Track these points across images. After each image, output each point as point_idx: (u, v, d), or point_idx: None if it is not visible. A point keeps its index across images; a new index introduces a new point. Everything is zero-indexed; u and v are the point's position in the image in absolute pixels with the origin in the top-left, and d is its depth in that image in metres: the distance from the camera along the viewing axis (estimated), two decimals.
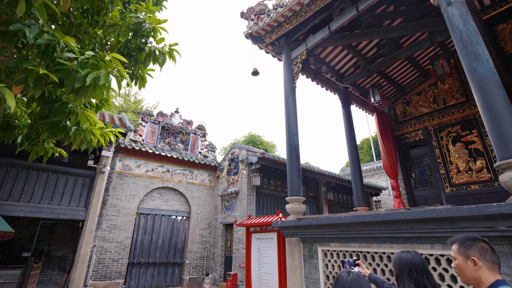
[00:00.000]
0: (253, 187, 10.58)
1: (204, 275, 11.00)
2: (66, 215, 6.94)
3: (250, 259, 6.97)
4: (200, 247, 11.31)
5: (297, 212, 5.41)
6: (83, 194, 7.41)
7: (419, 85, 8.96)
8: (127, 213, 9.97)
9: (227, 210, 11.18)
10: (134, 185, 10.43)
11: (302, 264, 5.00)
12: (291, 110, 6.24)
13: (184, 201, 11.64)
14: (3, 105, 2.41)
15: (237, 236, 10.12)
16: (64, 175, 7.25)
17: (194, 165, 12.15)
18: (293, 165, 5.85)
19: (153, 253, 10.32)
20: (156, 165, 11.19)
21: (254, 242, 7.04)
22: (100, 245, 9.17)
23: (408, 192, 8.77)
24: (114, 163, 10.20)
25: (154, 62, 3.66)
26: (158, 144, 11.57)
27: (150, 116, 11.67)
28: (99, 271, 8.95)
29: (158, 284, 10.13)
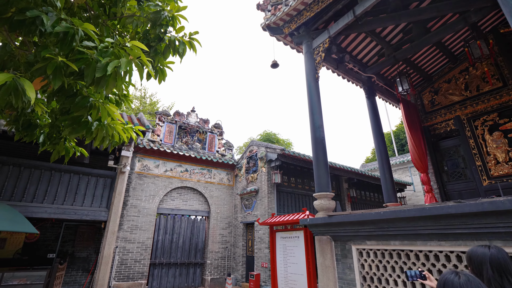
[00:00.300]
0: (273, 185, 10.31)
1: (225, 276, 10.83)
2: (89, 216, 6.92)
3: (275, 259, 6.71)
4: (221, 247, 11.15)
5: (327, 209, 5.10)
6: (104, 195, 7.37)
7: (448, 72, 8.42)
8: (147, 213, 9.93)
9: (247, 209, 10.96)
10: (154, 185, 10.38)
11: (334, 264, 4.69)
12: (315, 101, 5.93)
13: (203, 201, 11.51)
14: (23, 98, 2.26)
15: (259, 236, 9.88)
16: (85, 176, 7.23)
17: (212, 164, 12.00)
18: (320, 160, 5.55)
19: (174, 253, 10.23)
20: (174, 165, 11.11)
21: (279, 241, 6.77)
22: (122, 245, 9.15)
23: (440, 186, 8.26)
24: (133, 163, 10.18)
25: (174, 53, 3.46)
26: (176, 143, 11.49)
27: (167, 116, 11.61)
28: (122, 272, 8.93)
29: (180, 284, 10.04)
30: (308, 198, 11.56)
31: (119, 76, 2.53)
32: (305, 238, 6.03)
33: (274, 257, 6.72)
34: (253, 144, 11.66)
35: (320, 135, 5.71)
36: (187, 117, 12.18)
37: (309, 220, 5.03)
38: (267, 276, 9.03)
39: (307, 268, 5.76)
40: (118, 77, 2.54)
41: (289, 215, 6.55)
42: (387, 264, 3.99)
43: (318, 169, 5.49)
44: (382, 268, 4.04)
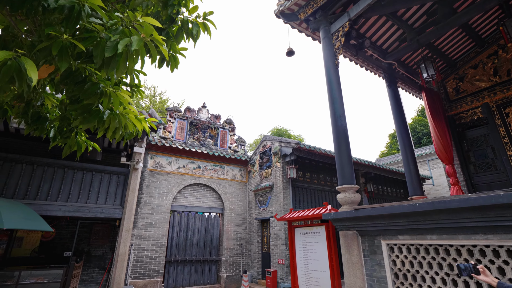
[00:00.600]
0: (289, 180, 10.01)
1: (241, 273, 10.63)
2: (103, 213, 6.80)
3: (295, 255, 6.43)
4: (236, 243, 10.95)
5: (351, 202, 4.79)
6: (118, 192, 7.25)
7: (475, 56, 7.91)
8: (161, 210, 9.80)
9: (262, 205, 10.70)
10: (167, 183, 10.24)
11: (362, 261, 4.38)
12: (335, 89, 5.60)
13: (217, 197, 11.32)
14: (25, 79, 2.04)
15: (275, 232, 9.62)
16: (98, 173, 7.12)
17: (224, 160, 11.79)
18: (342, 150, 5.22)
19: (189, 250, 10.09)
20: (187, 162, 10.95)
21: (298, 237, 6.48)
22: (137, 243, 9.05)
23: (466, 179, 7.81)
24: (145, 161, 10.06)
25: (187, 37, 3.20)
26: (188, 140, 11.32)
27: (178, 112, 11.44)
28: (137, 270, 8.83)
29: (196, 281, 9.89)
30: (324, 194, 11.22)
31: (130, 56, 2.30)
32: (327, 233, 5.73)
33: (293, 253, 6.44)
34: (266, 139, 11.38)
35: (342, 124, 5.38)
36: (198, 113, 11.99)
37: (333, 215, 4.73)
38: (284, 273, 8.77)
39: (330, 264, 5.46)
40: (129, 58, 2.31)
41: (309, 210, 6.26)
42: (422, 260, 3.66)
43: (340, 161, 5.17)
44: (417, 264, 3.71)
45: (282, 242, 9.15)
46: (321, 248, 5.78)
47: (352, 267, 4.45)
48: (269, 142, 11.18)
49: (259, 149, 11.76)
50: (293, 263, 6.43)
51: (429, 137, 19.20)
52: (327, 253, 5.61)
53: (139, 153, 7.49)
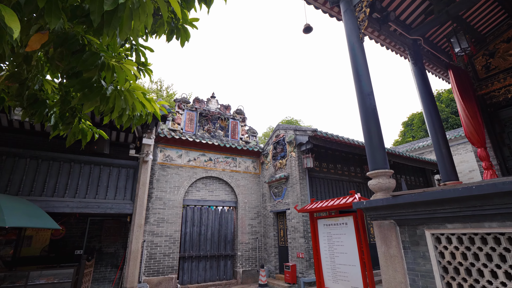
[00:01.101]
0: (305, 170, 9.52)
1: (257, 267, 10.26)
2: (113, 209, 6.46)
3: (319, 249, 5.98)
4: (251, 237, 10.57)
5: (386, 189, 4.29)
6: (128, 186, 6.90)
7: (508, 29, 7.24)
8: (173, 205, 9.45)
9: (277, 197, 10.26)
10: (178, 176, 9.87)
11: (402, 253, 3.90)
12: (361, 65, 5.07)
13: (230, 191, 10.92)
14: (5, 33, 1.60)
15: (292, 225, 9.18)
16: (106, 167, 6.76)
17: (236, 151, 11.36)
18: (373, 132, 4.71)
19: (203, 246, 9.75)
20: (197, 154, 10.55)
21: (321, 229, 6.02)
22: (149, 239, 8.74)
23: (500, 162, 7.21)
24: (155, 154, 9.70)
25: (199, 2, 2.71)
26: (198, 132, 10.91)
27: (187, 103, 11.02)
28: (151, 267, 8.54)
29: (211, 277, 9.56)
30: (342, 184, 10.72)
31: (135, 13, 1.83)
32: (355, 224, 5.25)
33: (317, 247, 5.99)
34: (280, 128, 10.88)
35: (371, 103, 4.86)
36: (207, 103, 11.54)
37: (367, 203, 4.24)
38: (304, 267, 8.35)
39: (361, 258, 4.99)
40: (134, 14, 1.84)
41: (333, 199, 5.78)
42: (478, 251, 3.16)
43: (371, 144, 4.67)
44: (471, 256, 3.22)
45: (301, 235, 8.72)
46: (349, 241, 5.31)
47: (391, 260, 3.97)
48: (282, 131, 10.69)
49: (272, 139, 11.28)
50: (317, 257, 5.99)
51: (446, 123, 18.42)
52: (356, 246, 5.14)
53: (148, 145, 7.10)
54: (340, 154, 11.17)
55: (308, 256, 8.47)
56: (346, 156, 11.35)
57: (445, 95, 20.21)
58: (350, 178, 11.06)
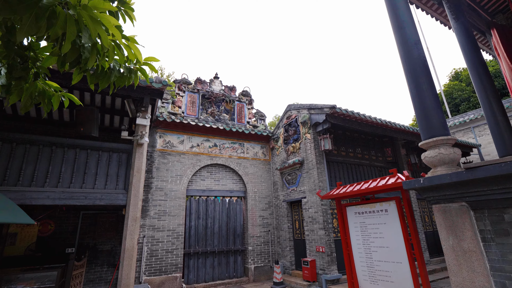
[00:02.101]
0: (322, 153, 8.44)
1: (271, 263, 9.29)
2: (103, 200, 5.49)
3: (350, 242, 4.93)
4: (262, 230, 9.57)
5: (450, 161, 3.21)
6: (120, 174, 5.91)
7: None
8: (175, 196, 8.47)
9: (290, 185, 9.22)
10: (180, 164, 8.87)
11: (481, 247, 2.83)
12: (402, 9, 3.95)
13: (238, 179, 9.90)
14: None
15: (309, 215, 8.14)
16: (94, 151, 5.77)
17: (243, 136, 10.30)
18: (424, 89, 3.62)
19: (210, 240, 8.78)
20: (201, 140, 9.52)
21: (352, 219, 4.97)
22: (150, 234, 7.80)
23: None
24: (154, 140, 8.69)
25: None
26: (201, 115, 9.86)
27: (188, 85, 9.95)
28: (152, 265, 7.61)
29: (220, 275, 8.62)
30: (363, 169, 9.63)
31: None
32: (399, 211, 4.18)
33: (347, 240, 4.95)
34: (291, 108, 9.77)
35: (419, 53, 3.76)
36: (210, 84, 10.45)
37: (425, 181, 3.16)
38: (325, 262, 7.34)
39: (409, 253, 3.93)
40: None
41: (367, 182, 4.71)
42: None
43: (422, 104, 3.58)
44: None
45: (320, 226, 7.68)
46: (391, 232, 4.25)
47: (464, 257, 2.91)
48: (294, 111, 9.58)
49: (283, 121, 10.19)
50: (348, 252, 4.94)
51: (468, 103, 17.09)
52: (402, 238, 4.08)
53: (143, 126, 6.08)
54: (359, 136, 10.05)
55: (330, 250, 7.45)
56: (366, 138, 10.22)
57: (464, 74, 18.80)
58: (371, 162, 9.95)
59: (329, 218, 7.79)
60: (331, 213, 7.94)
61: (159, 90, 6.00)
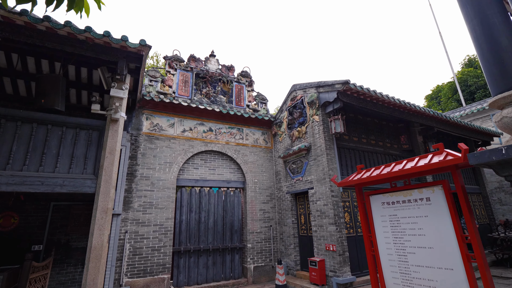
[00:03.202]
0: (332, 137, 7.34)
1: (272, 262, 8.24)
2: (65, 186, 4.43)
3: (375, 241, 3.85)
4: (263, 225, 8.51)
5: None
6: (89, 156, 4.84)
7: None
8: (164, 186, 7.40)
9: (295, 175, 8.13)
10: (170, 150, 7.78)
11: None
12: None
13: (236, 168, 8.82)
14: None
15: (317, 208, 7.07)
16: (57, 127, 4.69)
17: (242, 121, 9.19)
18: (494, 22, 2.50)
19: (204, 237, 7.73)
20: (194, 123, 8.42)
21: (378, 211, 3.88)
22: (133, 230, 6.75)
23: None
24: (139, 122, 7.60)
25: None
26: (194, 96, 8.74)
27: (180, 62, 8.81)
28: (136, 265, 6.56)
29: (215, 276, 7.58)
30: (376, 156, 8.54)
31: None
32: (449, 199, 3.09)
33: (371, 238, 3.86)
34: (297, 88, 8.64)
35: None
36: (205, 63, 9.32)
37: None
38: (336, 263, 6.28)
39: (465, 256, 2.85)
40: None
41: (399, 163, 3.61)
42: None
43: (491, 43, 2.47)
44: None
45: (330, 221, 6.61)
46: (435, 227, 3.16)
47: None
48: (300, 91, 8.45)
49: (287, 103, 9.07)
50: (373, 253, 3.87)
51: (484, 91, 15.89)
52: (454, 235, 2.99)
53: (118, 98, 4.99)
54: (372, 120, 8.94)
55: (342, 249, 6.38)
56: (379, 124, 9.11)
57: None
58: (386, 150, 8.85)
59: (340, 212, 6.71)
60: (342, 206, 6.87)
61: (137, 53, 4.88)
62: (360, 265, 6.85)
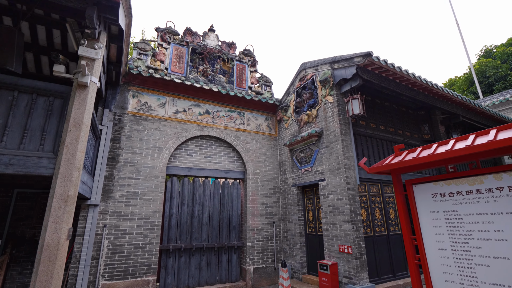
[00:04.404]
0: (348, 121, 6.30)
1: (275, 263, 7.25)
2: (13, 166, 3.42)
3: (422, 245, 2.83)
4: (265, 222, 7.51)
5: None
6: (49, 129, 3.82)
7: None
8: (151, 174, 6.39)
9: (304, 165, 7.11)
10: (159, 133, 6.76)
11: None
12: None
13: (235, 157, 7.80)
14: None
15: (329, 203, 6.05)
16: (7, 90, 3.67)
17: (244, 103, 8.16)
18: None
19: (197, 233, 6.73)
20: (189, 104, 7.39)
21: (427, 205, 2.86)
22: (113, 224, 5.75)
23: None
24: (124, 100, 6.57)
25: None
26: (189, 74, 7.69)
27: (174, 35, 7.75)
28: (115, 265, 5.58)
29: (209, 279, 6.59)
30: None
31: None
32: None
33: (419, 242, 2.83)
34: (307, 66, 7.57)
35: None
36: (203, 38, 8.25)
37: None
38: (352, 267, 5.28)
39: None
40: None
41: (461, 139, 2.59)
42: None
43: None
44: None
45: (346, 218, 5.60)
46: None
47: None
48: (311, 70, 7.39)
49: (294, 85, 8.02)
50: (417, 261, 2.85)
51: (504, 82, 14.79)
52: None
53: (89, 58, 3.96)
54: (391, 105, 7.90)
55: (359, 251, 5.38)
56: (399, 110, 8.06)
57: (500, 50, 16.42)
58: (405, 140, 7.81)
59: (357, 208, 5.70)
60: (359, 201, 5.85)
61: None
62: (379, 270, 5.85)
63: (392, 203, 6.66)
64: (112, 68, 5.97)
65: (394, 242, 6.32)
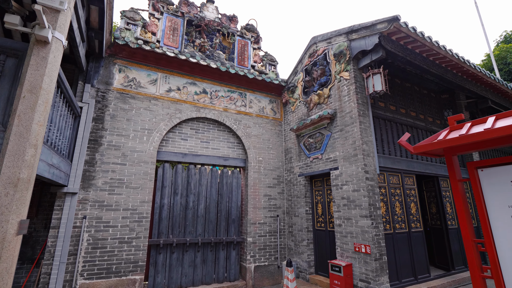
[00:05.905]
0: (367, 100, 5.45)
1: (278, 261, 6.51)
2: None
3: (493, 248, 2.01)
4: (268, 215, 6.74)
5: None
6: None
7: None
8: (140, 159, 5.60)
9: (313, 152, 6.29)
10: (150, 113, 5.95)
11: None
12: None
13: (236, 142, 6.99)
14: None
15: (343, 195, 5.25)
16: None
17: (246, 83, 7.31)
18: None
19: (192, 227, 5.98)
20: (183, 82, 6.55)
21: (500, 195, 2.03)
22: (95, 215, 5.00)
23: None
24: (109, 74, 5.74)
25: None
26: (185, 48, 6.83)
27: (168, 5, 6.86)
28: (96, 262, 4.84)
29: (204, 278, 5.87)
30: (417, 132, 6.69)
31: None
32: None
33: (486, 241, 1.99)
34: (318, 40, 6.68)
35: None
36: (201, 9, 7.36)
37: None
38: (370, 270, 4.51)
39: None
40: None
41: None
42: None
43: None
44: None
45: (363, 213, 4.80)
46: None
47: None
48: (322, 43, 6.50)
49: (303, 62, 7.14)
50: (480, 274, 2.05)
51: None
52: None
53: (52, 9, 3.14)
54: (412, 87, 7.02)
55: (379, 251, 4.60)
56: (420, 92, 7.19)
57: None
58: (427, 126, 6.96)
59: (377, 201, 4.90)
60: (378, 193, 5.04)
61: None
62: (399, 273, 5.08)
63: (413, 196, 5.85)
64: (93, 35, 5.11)
65: (415, 241, 5.54)
